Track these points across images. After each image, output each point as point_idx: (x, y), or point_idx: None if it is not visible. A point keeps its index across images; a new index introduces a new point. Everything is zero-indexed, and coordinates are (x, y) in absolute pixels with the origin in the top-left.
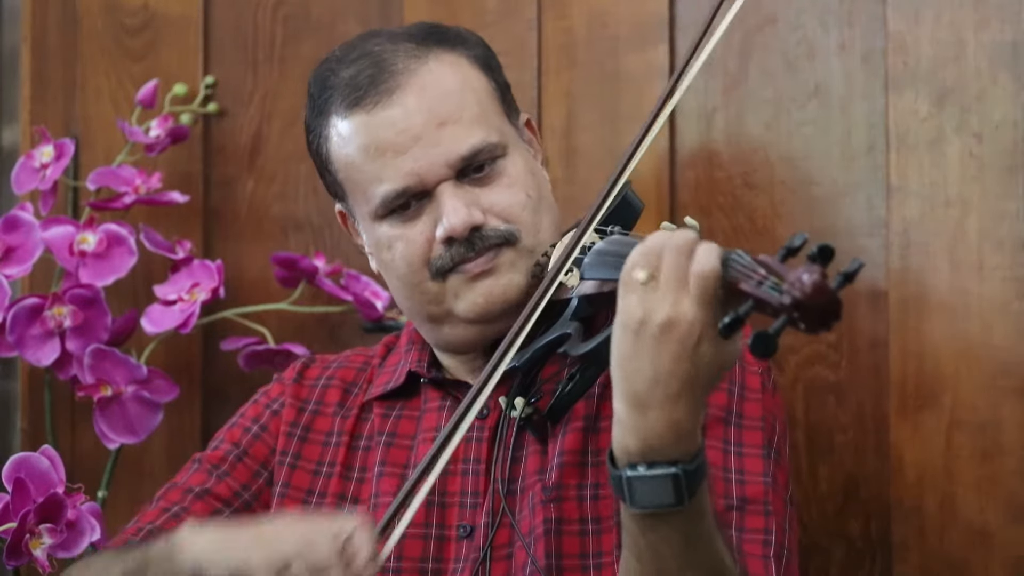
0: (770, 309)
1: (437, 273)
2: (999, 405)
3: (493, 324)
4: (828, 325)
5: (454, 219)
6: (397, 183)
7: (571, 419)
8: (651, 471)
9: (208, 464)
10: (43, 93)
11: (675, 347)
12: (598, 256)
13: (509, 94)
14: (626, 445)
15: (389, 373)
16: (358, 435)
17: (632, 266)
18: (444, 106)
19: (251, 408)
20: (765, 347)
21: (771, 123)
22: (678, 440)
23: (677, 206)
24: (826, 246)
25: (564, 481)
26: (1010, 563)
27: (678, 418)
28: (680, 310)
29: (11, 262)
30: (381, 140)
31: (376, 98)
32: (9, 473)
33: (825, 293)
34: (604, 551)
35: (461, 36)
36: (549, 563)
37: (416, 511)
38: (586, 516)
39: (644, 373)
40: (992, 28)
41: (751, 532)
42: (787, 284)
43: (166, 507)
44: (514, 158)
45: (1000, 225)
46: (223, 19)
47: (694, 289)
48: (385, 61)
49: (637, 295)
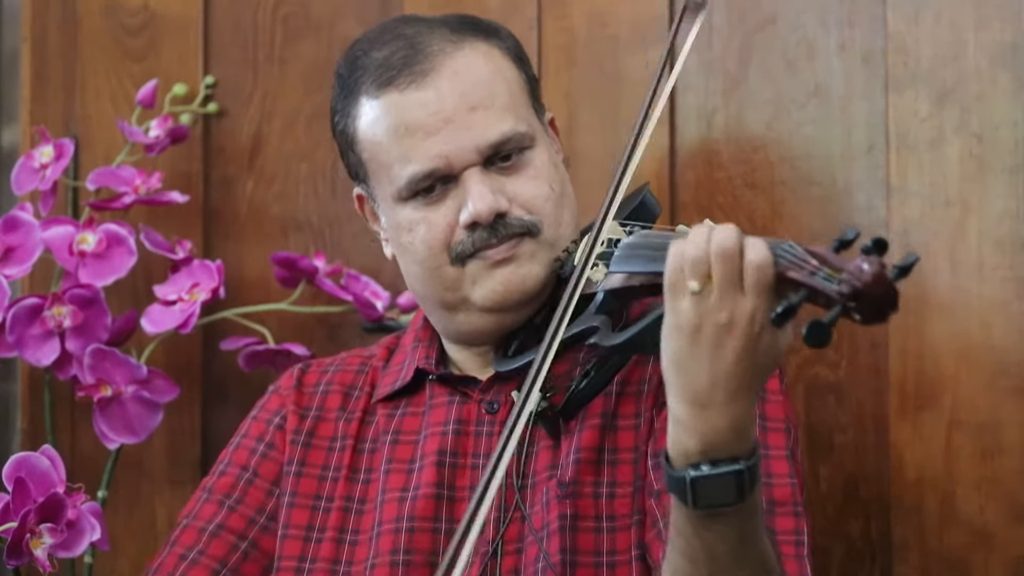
0: (823, 299)
1: (457, 258)
2: (999, 405)
3: (508, 314)
4: (885, 316)
5: (480, 204)
6: (425, 164)
7: (588, 416)
8: (715, 470)
9: (219, 494)
10: (43, 93)
11: (736, 344)
12: (629, 249)
13: (538, 90)
14: (685, 446)
15: (395, 373)
16: (363, 439)
17: (678, 272)
18: (477, 92)
19: (252, 426)
20: (820, 336)
21: (771, 123)
22: (738, 437)
23: (677, 206)
24: (881, 239)
25: (580, 478)
26: (1010, 563)
27: (738, 414)
28: (739, 309)
29: (11, 262)
30: (412, 120)
31: (410, 78)
32: (9, 473)
33: (884, 283)
34: (619, 550)
35: (495, 28)
36: (563, 559)
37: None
38: (601, 514)
39: (704, 374)
40: (992, 28)
41: (783, 533)
42: (846, 273)
43: (183, 554)
44: (540, 150)
45: (1000, 225)
46: (223, 19)
47: (750, 281)
48: (420, 43)
49: (688, 301)
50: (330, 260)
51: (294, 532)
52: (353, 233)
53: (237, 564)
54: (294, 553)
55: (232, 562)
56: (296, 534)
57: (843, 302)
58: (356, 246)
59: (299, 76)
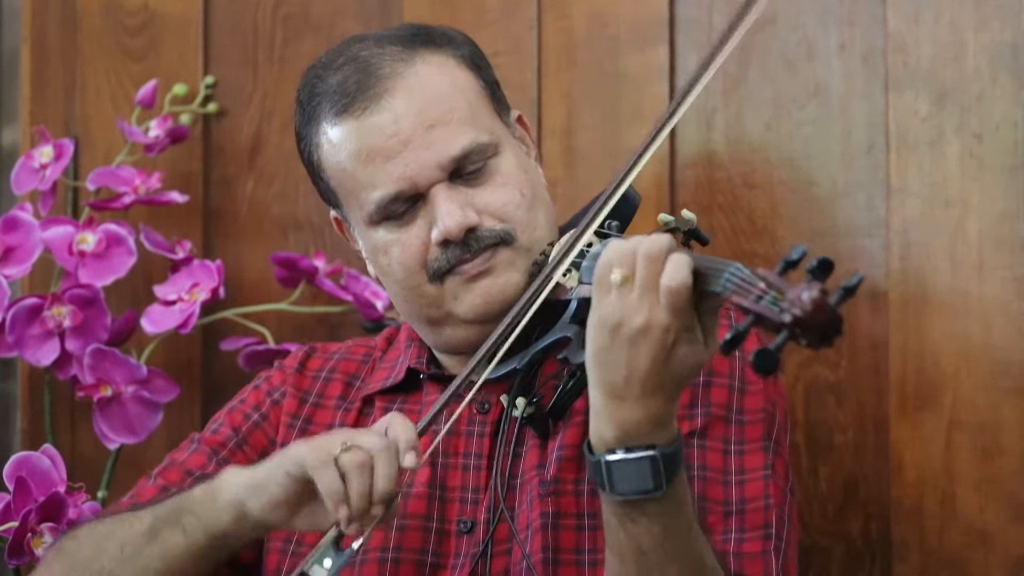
0: (771, 324)
1: (434, 276)
2: (999, 405)
3: (493, 324)
4: (830, 341)
5: (449, 221)
6: (390, 188)
7: (572, 414)
8: (629, 455)
9: (208, 447)
10: (43, 93)
11: (651, 350)
12: (596, 260)
13: (499, 91)
14: (603, 433)
15: (388, 369)
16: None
17: (607, 265)
18: (433, 108)
19: (252, 394)
20: (767, 364)
21: (771, 123)
22: (654, 427)
23: (677, 206)
24: (825, 260)
25: (562, 475)
26: (1010, 563)
27: (654, 410)
28: (655, 317)
29: (11, 262)
30: (371, 146)
31: (364, 104)
32: (10, 472)
33: (825, 310)
34: (600, 547)
35: (447, 36)
36: (545, 556)
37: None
38: (583, 511)
39: (620, 372)
40: (992, 28)
41: (752, 531)
42: (787, 301)
43: (165, 486)
44: (506, 156)
45: (1000, 225)
46: (223, 19)
47: (664, 300)
48: (372, 66)
49: (613, 296)
50: (330, 260)
51: None
52: None
53: None
54: (281, 535)
55: None
56: None
57: (788, 329)
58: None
59: (299, 76)
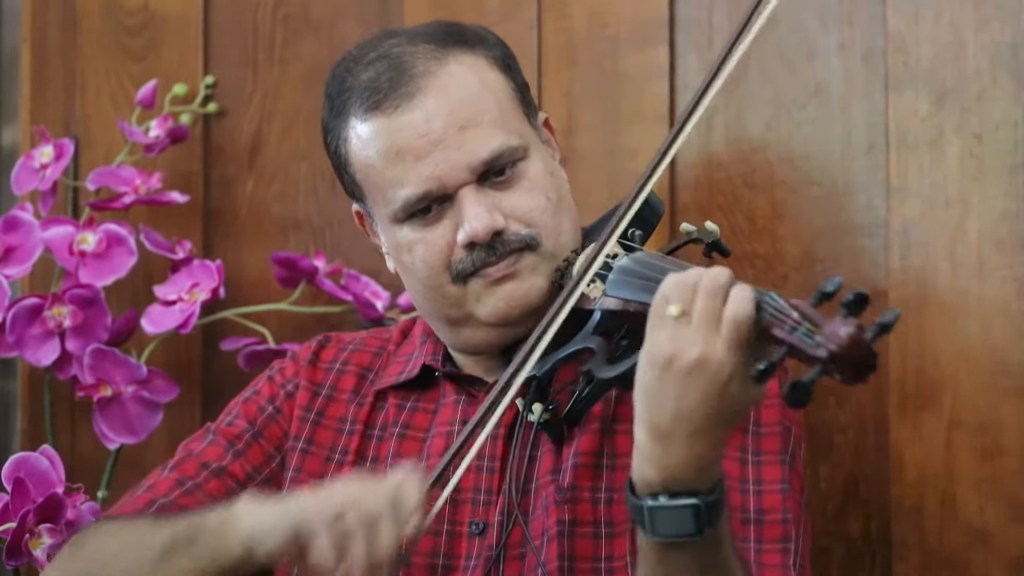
0: (804, 356)
1: (458, 277)
2: (999, 405)
3: (514, 328)
4: (864, 377)
5: (476, 224)
6: (418, 187)
7: (588, 421)
8: (672, 501)
9: (224, 439)
10: (43, 93)
11: (704, 386)
12: (623, 274)
13: (528, 94)
14: (647, 476)
15: (402, 363)
16: (372, 424)
17: (665, 299)
18: (465, 109)
19: (266, 385)
20: (800, 397)
21: (771, 123)
22: (699, 473)
23: (677, 207)
24: (861, 294)
25: (579, 483)
26: (1010, 563)
27: (699, 452)
28: (712, 350)
29: (11, 262)
30: (401, 144)
31: (396, 101)
32: (9, 473)
33: (861, 346)
34: (616, 555)
35: (480, 36)
36: (561, 564)
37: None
38: (600, 519)
39: (668, 409)
40: (992, 28)
41: (770, 543)
42: (822, 336)
43: (180, 479)
44: (534, 160)
45: (1000, 225)
46: (223, 19)
47: (726, 333)
48: (404, 63)
49: (668, 331)
50: (330, 260)
51: None
52: (353, 233)
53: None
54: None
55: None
56: None
57: (823, 364)
58: (356, 246)
59: (299, 76)
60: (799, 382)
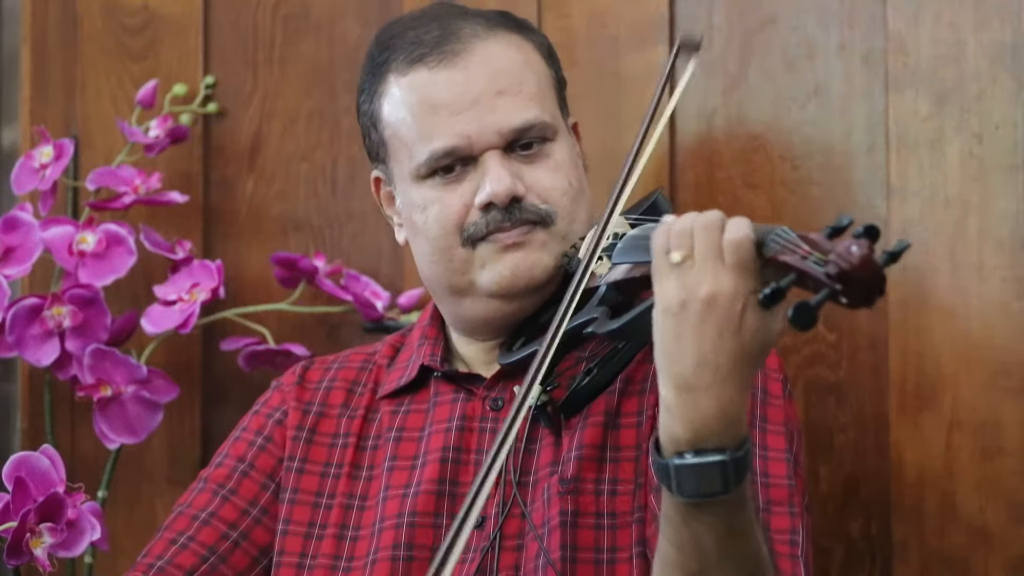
0: (812, 283)
1: (468, 240)
2: (999, 405)
3: (513, 301)
4: (871, 301)
5: (497, 185)
6: (447, 141)
7: (591, 413)
8: (699, 459)
9: (213, 484)
10: (43, 93)
11: (720, 321)
12: (631, 240)
13: (564, 91)
14: (674, 433)
15: (400, 369)
16: (365, 436)
17: (663, 250)
18: (505, 77)
19: (252, 420)
20: (805, 318)
21: (771, 123)
22: (727, 425)
23: (677, 206)
24: (873, 226)
25: (582, 474)
26: (1010, 563)
27: (726, 400)
28: (720, 282)
29: (11, 262)
30: (438, 98)
31: (440, 57)
32: (9, 472)
33: (871, 266)
34: (619, 547)
35: (529, 25)
36: (563, 555)
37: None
38: (602, 511)
39: (690, 354)
40: (992, 28)
41: (778, 532)
42: (834, 255)
43: (172, 538)
44: (562, 145)
45: (1000, 225)
46: (223, 19)
47: (730, 258)
48: (453, 26)
49: (674, 277)
50: (330, 260)
51: (295, 528)
52: (353, 233)
53: (226, 553)
54: (295, 549)
55: (221, 550)
56: (297, 530)
57: (830, 285)
58: (356, 246)
59: (299, 76)
60: (805, 303)
